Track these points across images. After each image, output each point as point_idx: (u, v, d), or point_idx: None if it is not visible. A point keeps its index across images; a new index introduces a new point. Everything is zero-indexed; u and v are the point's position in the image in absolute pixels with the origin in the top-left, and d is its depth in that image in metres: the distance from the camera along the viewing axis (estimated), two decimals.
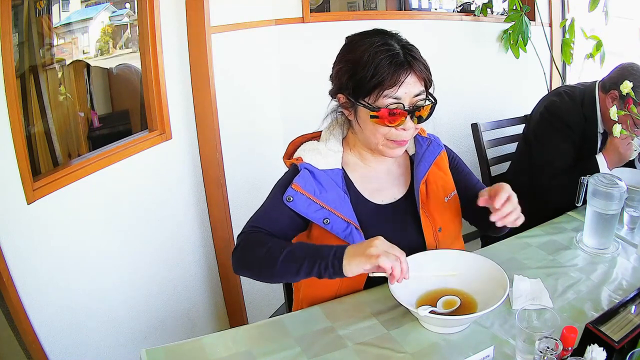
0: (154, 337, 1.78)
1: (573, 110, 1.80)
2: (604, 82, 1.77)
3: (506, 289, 0.98)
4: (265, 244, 1.05)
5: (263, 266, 1.05)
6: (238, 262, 1.10)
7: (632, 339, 0.87)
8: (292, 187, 1.10)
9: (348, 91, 1.07)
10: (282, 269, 1.01)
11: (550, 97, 1.93)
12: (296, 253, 1.02)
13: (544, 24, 2.77)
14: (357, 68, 1.04)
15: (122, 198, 1.63)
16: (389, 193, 1.20)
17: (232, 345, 1.02)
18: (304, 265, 0.99)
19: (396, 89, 1.02)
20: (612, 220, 1.30)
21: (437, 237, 1.18)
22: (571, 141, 1.79)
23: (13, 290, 1.24)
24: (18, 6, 1.39)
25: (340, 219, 1.10)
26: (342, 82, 1.08)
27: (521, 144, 2.10)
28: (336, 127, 1.19)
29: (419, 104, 1.05)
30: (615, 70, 1.74)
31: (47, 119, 1.56)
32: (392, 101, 1.03)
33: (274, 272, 1.03)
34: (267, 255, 1.03)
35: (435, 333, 1.01)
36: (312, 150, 1.16)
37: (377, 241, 0.96)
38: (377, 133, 1.07)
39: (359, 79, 1.04)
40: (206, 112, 1.88)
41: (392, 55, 1.02)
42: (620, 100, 1.67)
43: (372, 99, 1.04)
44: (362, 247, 0.97)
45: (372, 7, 3.49)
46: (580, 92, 1.84)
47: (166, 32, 1.72)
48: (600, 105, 1.78)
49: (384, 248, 0.95)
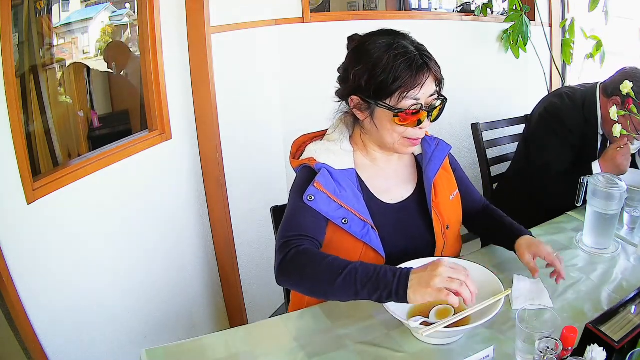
0: (154, 337, 1.78)
1: (573, 113, 1.80)
2: (605, 86, 1.76)
3: (501, 299, 0.96)
4: (322, 261, 1.01)
5: (318, 283, 1.00)
6: (288, 276, 1.05)
7: (632, 339, 0.87)
8: (314, 185, 1.10)
9: (367, 93, 1.08)
10: (341, 289, 0.97)
11: (551, 99, 1.92)
12: (358, 274, 0.97)
13: (544, 24, 2.77)
14: (377, 71, 1.05)
15: (122, 198, 1.63)
16: (397, 192, 1.22)
17: (232, 345, 1.02)
18: (366, 289, 0.95)
19: (417, 90, 1.05)
20: (612, 220, 1.30)
21: (446, 234, 1.20)
22: (569, 144, 1.79)
23: (13, 290, 1.24)
24: (18, 6, 1.39)
25: (358, 219, 1.11)
26: (360, 84, 1.08)
27: (521, 144, 2.09)
28: (344, 128, 1.20)
29: (435, 103, 1.09)
30: (618, 75, 1.73)
31: (47, 119, 1.56)
32: (412, 102, 1.06)
33: (329, 290, 0.99)
34: (326, 274, 0.99)
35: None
36: (326, 150, 1.16)
37: (441, 268, 0.91)
38: (395, 133, 1.10)
39: (380, 82, 1.05)
40: (206, 112, 1.88)
41: (410, 58, 1.05)
42: (623, 106, 1.67)
43: (394, 101, 1.06)
44: (426, 275, 0.92)
45: (372, 7, 3.49)
46: (581, 94, 1.83)
47: (166, 32, 1.72)
48: (601, 108, 1.77)
49: (449, 274, 0.91)
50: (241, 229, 2.14)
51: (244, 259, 2.15)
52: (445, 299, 0.89)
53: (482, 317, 0.94)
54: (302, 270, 1.03)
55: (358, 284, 0.95)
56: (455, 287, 0.90)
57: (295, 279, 1.05)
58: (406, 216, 1.20)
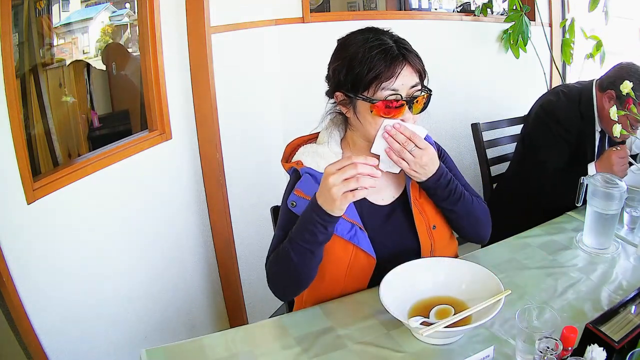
0: (154, 337, 1.78)
1: (569, 109, 1.80)
2: (601, 81, 1.77)
3: (501, 299, 0.96)
4: (278, 256, 1.09)
5: (289, 275, 1.08)
6: (276, 289, 1.14)
7: (632, 339, 0.87)
8: (294, 192, 1.11)
9: (346, 87, 1.09)
10: (302, 260, 1.04)
11: (547, 96, 1.93)
12: (295, 238, 1.03)
13: (544, 24, 2.77)
14: (353, 64, 1.06)
15: (122, 198, 1.63)
16: (388, 193, 1.21)
17: (232, 345, 1.02)
18: (308, 239, 1.01)
19: (393, 80, 1.04)
20: (612, 220, 1.30)
21: (432, 234, 1.18)
22: (566, 141, 1.79)
23: (13, 290, 1.24)
24: (18, 6, 1.39)
25: (345, 221, 1.11)
26: (339, 79, 1.09)
27: (519, 144, 2.10)
28: (334, 129, 1.20)
29: (415, 95, 1.07)
30: (613, 70, 1.74)
31: (47, 119, 1.56)
32: (389, 93, 1.05)
33: (299, 270, 1.06)
34: (284, 263, 1.06)
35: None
36: (312, 153, 1.16)
37: (330, 179, 0.94)
38: (377, 126, 1.08)
39: (356, 74, 1.06)
40: (206, 112, 1.87)
41: (385, 49, 1.05)
42: (618, 100, 1.67)
43: (371, 92, 1.06)
44: (325, 192, 0.96)
45: (372, 7, 3.49)
46: (578, 90, 1.84)
47: (166, 32, 1.72)
48: (597, 103, 1.78)
49: (341, 178, 0.93)
50: (241, 229, 2.14)
51: (244, 259, 2.15)
52: (356, 198, 0.94)
53: (482, 317, 0.94)
54: (277, 277, 1.12)
55: (301, 243, 1.02)
56: (353, 185, 0.93)
57: (280, 288, 1.14)
58: (396, 217, 1.19)
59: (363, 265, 1.14)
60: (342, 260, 1.13)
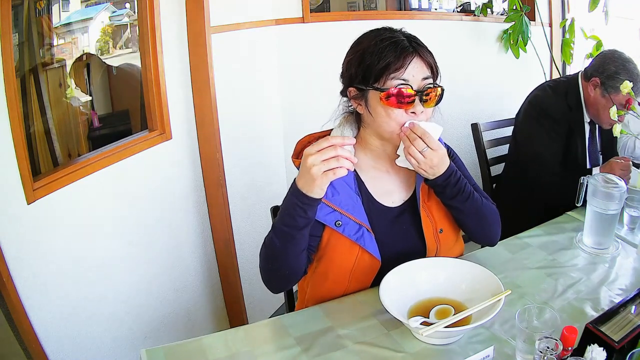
0: (154, 337, 1.78)
1: (556, 102, 1.82)
2: (586, 71, 1.80)
3: (501, 299, 0.96)
4: (264, 243, 1.10)
5: (274, 259, 1.09)
6: (265, 278, 1.15)
7: (632, 339, 0.87)
8: None
9: (357, 80, 1.09)
10: (286, 247, 1.05)
11: (534, 92, 1.96)
12: (277, 222, 1.04)
13: (544, 24, 2.77)
14: (365, 57, 1.07)
15: (122, 198, 1.63)
16: (398, 195, 1.21)
17: (232, 345, 1.02)
18: (290, 223, 1.01)
19: (403, 71, 1.04)
20: (612, 220, 1.30)
21: (439, 238, 1.18)
22: (556, 133, 1.81)
23: (13, 290, 1.24)
24: (18, 6, 1.39)
25: (353, 222, 1.11)
26: (352, 73, 1.10)
27: (512, 143, 2.10)
28: (346, 127, 1.18)
29: (427, 87, 1.07)
30: (597, 58, 1.78)
31: (47, 118, 1.56)
32: (399, 82, 1.05)
33: (287, 259, 1.07)
34: (269, 248, 1.07)
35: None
36: None
37: (309, 159, 0.94)
38: (390, 120, 1.07)
39: (367, 66, 1.06)
40: (206, 112, 1.87)
41: (396, 41, 1.06)
42: (602, 87, 1.69)
43: (381, 82, 1.06)
44: (305, 174, 0.96)
45: (372, 7, 3.49)
46: (564, 83, 1.87)
47: (166, 32, 1.72)
48: (584, 93, 1.80)
49: (320, 159, 0.94)
50: (241, 229, 2.14)
51: (244, 259, 2.15)
52: (337, 176, 0.94)
53: (482, 317, 0.94)
54: (264, 263, 1.12)
55: (282, 227, 1.03)
56: (334, 164, 0.93)
57: (268, 278, 1.14)
58: (404, 219, 1.19)
59: (367, 267, 1.14)
60: (347, 261, 1.13)
